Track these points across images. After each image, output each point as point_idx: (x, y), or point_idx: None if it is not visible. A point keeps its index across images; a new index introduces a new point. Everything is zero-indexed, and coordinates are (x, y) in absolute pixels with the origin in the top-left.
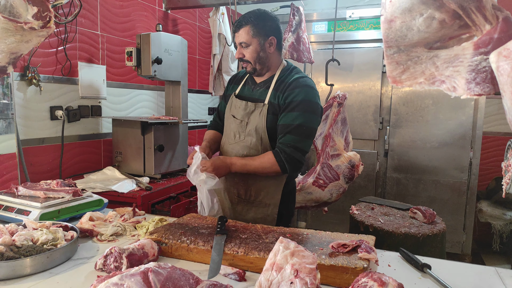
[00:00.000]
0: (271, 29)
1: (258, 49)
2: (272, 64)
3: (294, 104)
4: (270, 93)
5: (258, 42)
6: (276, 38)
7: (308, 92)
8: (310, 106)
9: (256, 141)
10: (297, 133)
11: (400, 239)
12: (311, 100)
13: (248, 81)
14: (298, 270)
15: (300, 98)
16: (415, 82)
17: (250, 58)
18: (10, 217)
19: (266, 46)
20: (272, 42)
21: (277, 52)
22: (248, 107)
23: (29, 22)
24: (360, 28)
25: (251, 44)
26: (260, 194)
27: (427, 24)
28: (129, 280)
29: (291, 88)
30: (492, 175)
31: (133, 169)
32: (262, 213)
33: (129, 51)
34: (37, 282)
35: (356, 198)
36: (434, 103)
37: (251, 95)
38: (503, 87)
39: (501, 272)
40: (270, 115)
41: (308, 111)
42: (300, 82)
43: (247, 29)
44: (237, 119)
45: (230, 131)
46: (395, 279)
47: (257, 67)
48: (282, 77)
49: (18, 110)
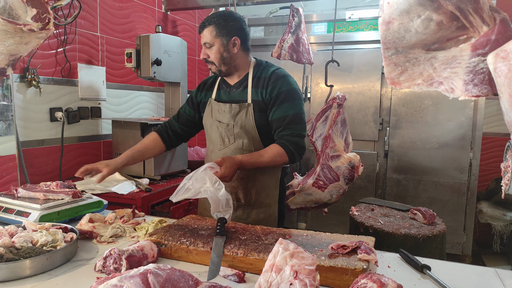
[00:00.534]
0: (234, 29)
1: (221, 49)
2: (239, 65)
3: (282, 96)
4: (250, 91)
5: (221, 43)
6: (240, 38)
7: (289, 82)
8: (296, 94)
9: (248, 142)
10: (296, 121)
11: (400, 240)
12: (295, 88)
13: (222, 85)
14: (298, 272)
15: (285, 89)
16: (413, 83)
17: (214, 59)
18: (9, 219)
19: (230, 46)
20: (235, 43)
21: (243, 52)
22: (233, 109)
23: (28, 24)
24: (360, 29)
25: (214, 44)
26: (260, 195)
27: (424, 26)
28: (128, 281)
29: (272, 81)
30: (492, 176)
31: (132, 170)
32: (264, 213)
33: (129, 53)
34: (37, 284)
35: (356, 199)
36: (433, 104)
37: (229, 97)
38: (500, 88)
39: (501, 273)
40: (257, 112)
41: (296, 99)
42: (278, 73)
43: (210, 29)
44: (224, 123)
45: (217, 137)
46: (394, 280)
47: (222, 68)
48: (257, 73)
49: (18, 112)
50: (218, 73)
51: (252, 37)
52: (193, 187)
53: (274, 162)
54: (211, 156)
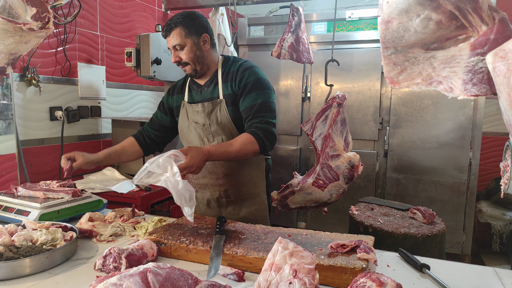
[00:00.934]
0: (201, 26)
1: (194, 48)
2: (211, 62)
3: (250, 85)
4: (221, 87)
5: (193, 42)
6: (208, 34)
7: (256, 72)
8: (263, 83)
9: (226, 138)
10: (264, 109)
11: (400, 240)
12: (263, 78)
13: (192, 86)
14: (297, 271)
15: (253, 78)
16: (412, 82)
17: (188, 59)
18: (9, 218)
19: (201, 44)
20: (205, 40)
21: (212, 48)
22: (206, 107)
23: (28, 23)
24: (360, 28)
25: (185, 45)
26: (249, 187)
27: (424, 25)
28: (128, 280)
29: (240, 72)
30: (492, 176)
31: (132, 169)
32: (254, 204)
33: (129, 52)
34: (36, 282)
35: (355, 199)
36: (433, 103)
37: (201, 97)
38: (499, 88)
39: (500, 272)
40: (230, 106)
41: (264, 88)
42: (245, 65)
43: (178, 31)
44: (200, 124)
45: (195, 138)
46: (393, 279)
47: (197, 67)
48: (225, 69)
49: (18, 111)
50: (194, 73)
51: (252, 37)
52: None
53: (244, 151)
54: None
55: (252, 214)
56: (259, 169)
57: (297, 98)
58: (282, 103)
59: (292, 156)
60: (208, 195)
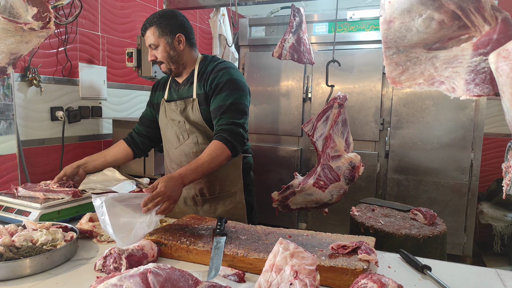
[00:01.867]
0: (176, 26)
1: (167, 48)
2: (187, 61)
3: (221, 85)
4: (195, 86)
5: (166, 42)
6: (183, 34)
7: (231, 73)
8: (236, 84)
9: (201, 136)
10: (232, 110)
11: (401, 241)
12: (237, 79)
13: (172, 84)
14: (298, 271)
15: (225, 79)
16: (414, 83)
17: (161, 59)
18: (10, 218)
19: (175, 44)
20: (180, 40)
21: (189, 48)
22: (178, 105)
23: (29, 22)
24: (361, 29)
25: (159, 45)
26: (225, 184)
27: (426, 25)
28: (128, 281)
29: (214, 72)
30: (493, 177)
31: (133, 170)
32: (231, 203)
33: (130, 52)
34: (37, 283)
35: (356, 199)
36: (434, 104)
37: (178, 95)
38: (502, 88)
39: (501, 273)
40: (203, 106)
41: (236, 89)
42: (221, 65)
43: (153, 30)
44: (176, 121)
45: (172, 135)
46: (395, 280)
47: (171, 66)
48: (202, 68)
49: (19, 111)
50: (169, 72)
51: (253, 37)
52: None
53: (216, 160)
54: (169, 154)
55: (228, 213)
56: (235, 167)
57: (298, 99)
58: (283, 103)
59: (293, 156)
60: (184, 193)
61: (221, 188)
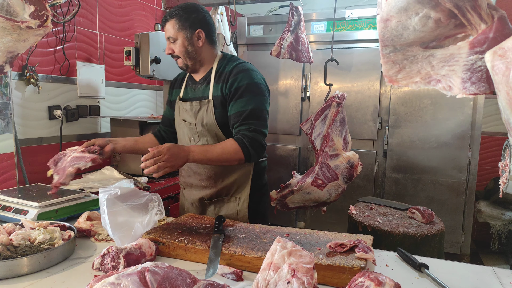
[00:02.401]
0: (197, 21)
1: (185, 43)
2: (205, 59)
3: (241, 90)
4: (212, 87)
5: (185, 36)
6: (204, 30)
7: (251, 75)
8: (257, 88)
9: (212, 140)
10: (253, 117)
11: (399, 239)
12: (257, 82)
13: (188, 82)
14: (295, 270)
15: (245, 83)
16: (411, 81)
17: (179, 53)
18: (7, 217)
19: (194, 39)
20: (200, 36)
21: (208, 45)
22: (193, 106)
23: (26, 21)
24: (359, 28)
25: (177, 38)
26: (231, 189)
27: (422, 23)
28: (126, 279)
29: (233, 75)
30: (491, 175)
31: (131, 168)
32: (233, 209)
33: (128, 51)
34: (34, 282)
35: (354, 198)
36: (432, 103)
37: (194, 95)
38: (498, 86)
39: (498, 272)
40: (218, 109)
41: (257, 94)
42: (240, 67)
43: (173, 23)
44: (187, 122)
45: (184, 136)
46: (392, 278)
47: (188, 62)
48: (220, 68)
49: (16, 110)
50: (185, 67)
51: (251, 36)
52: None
53: (227, 156)
54: None
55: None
56: (245, 175)
57: (296, 98)
58: (281, 102)
59: (291, 155)
60: (192, 195)
61: (228, 192)
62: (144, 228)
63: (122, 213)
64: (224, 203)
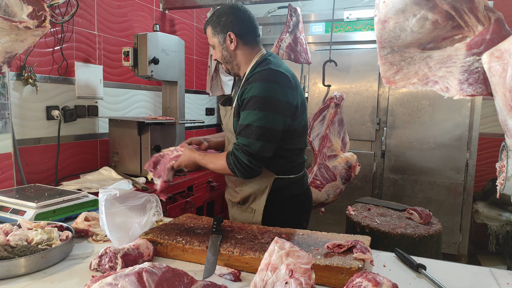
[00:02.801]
0: (226, 24)
1: (220, 48)
2: (241, 61)
3: (245, 102)
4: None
5: (218, 41)
6: (234, 32)
7: (260, 87)
8: (261, 103)
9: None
10: (245, 134)
11: (396, 240)
12: (264, 96)
13: (236, 83)
14: (293, 270)
15: (254, 94)
16: (408, 82)
17: (218, 59)
18: (5, 217)
19: (227, 43)
20: (231, 38)
21: (244, 46)
22: (223, 111)
23: (24, 21)
24: (358, 29)
25: (214, 45)
26: (248, 199)
27: (420, 25)
28: (123, 280)
29: (249, 82)
30: (488, 176)
31: (129, 169)
32: (248, 219)
33: (126, 51)
34: (32, 282)
35: (352, 199)
36: (430, 104)
37: (233, 98)
38: (495, 88)
39: (495, 272)
40: (235, 118)
41: (261, 109)
42: (256, 76)
43: (209, 30)
44: (223, 125)
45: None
46: (389, 279)
47: (227, 67)
48: (249, 73)
49: (14, 110)
50: (228, 72)
51: None
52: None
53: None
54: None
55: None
56: (262, 185)
57: None
58: None
59: None
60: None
61: (244, 201)
62: (142, 229)
63: (120, 214)
64: (242, 211)
